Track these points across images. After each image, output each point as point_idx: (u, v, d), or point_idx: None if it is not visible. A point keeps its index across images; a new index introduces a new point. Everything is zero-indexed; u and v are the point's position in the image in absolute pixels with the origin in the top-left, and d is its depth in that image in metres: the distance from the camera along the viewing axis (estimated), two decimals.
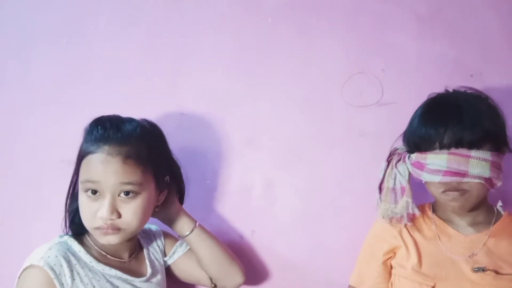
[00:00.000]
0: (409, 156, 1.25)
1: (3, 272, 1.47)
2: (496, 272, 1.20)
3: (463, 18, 1.48)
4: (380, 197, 1.30)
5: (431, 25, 1.48)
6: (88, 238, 1.21)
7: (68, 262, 1.12)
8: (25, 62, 1.53)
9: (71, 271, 1.11)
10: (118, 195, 1.13)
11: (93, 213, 1.13)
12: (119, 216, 1.14)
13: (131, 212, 1.14)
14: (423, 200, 1.33)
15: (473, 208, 1.23)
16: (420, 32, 1.48)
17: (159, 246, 1.35)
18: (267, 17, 1.51)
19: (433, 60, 1.47)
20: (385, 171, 1.29)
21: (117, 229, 1.14)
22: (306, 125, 1.49)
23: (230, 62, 1.51)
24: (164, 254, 1.36)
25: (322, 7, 1.50)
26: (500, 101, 1.26)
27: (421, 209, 1.33)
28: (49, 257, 1.10)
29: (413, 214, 1.28)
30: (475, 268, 1.21)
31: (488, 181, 1.17)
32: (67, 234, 1.21)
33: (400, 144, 1.31)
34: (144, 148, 1.16)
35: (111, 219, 1.13)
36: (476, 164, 1.15)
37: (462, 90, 1.26)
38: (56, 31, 1.53)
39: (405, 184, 1.26)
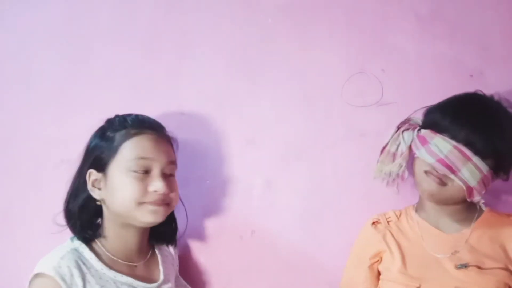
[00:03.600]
0: (419, 129, 1.27)
1: (3, 272, 1.47)
2: (479, 268, 1.21)
3: (463, 18, 1.48)
4: (379, 159, 1.34)
5: (431, 25, 1.48)
6: (99, 244, 1.20)
7: (80, 271, 1.12)
8: (25, 62, 1.53)
9: (83, 280, 1.11)
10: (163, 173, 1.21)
11: (143, 190, 1.17)
12: (171, 190, 1.20)
13: (175, 188, 1.23)
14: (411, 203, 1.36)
15: (450, 204, 1.25)
16: (420, 32, 1.48)
17: (173, 256, 1.35)
18: (267, 17, 1.51)
19: (433, 60, 1.47)
20: (392, 136, 1.32)
21: (167, 204, 1.20)
22: (306, 125, 1.49)
23: (230, 62, 1.51)
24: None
25: (322, 7, 1.50)
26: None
27: (405, 211, 1.36)
28: (60, 267, 1.10)
29: (399, 214, 1.34)
30: (458, 265, 1.22)
31: (469, 189, 1.19)
32: (77, 238, 1.19)
33: (416, 116, 1.33)
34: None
35: (165, 193, 1.18)
36: (470, 169, 1.18)
37: (505, 103, 1.27)
38: (56, 31, 1.53)
39: (404, 149, 1.28)
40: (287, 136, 1.49)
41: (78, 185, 1.21)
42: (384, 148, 1.34)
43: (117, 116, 1.25)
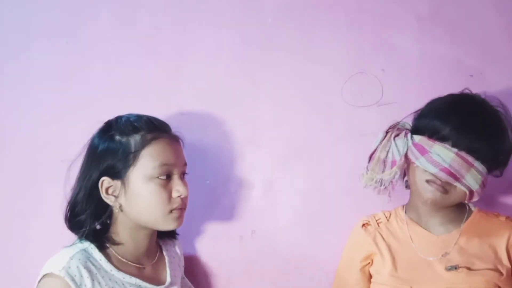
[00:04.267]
0: (411, 136, 1.25)
1: (3, 272, 1.47)
2: (469, 269, 1.21)
3: (464, 18, 1.48)
4: (367, 166, 1.32)
5: (431, 25, 1.48)
6: (109, 245, 1.19)
7: (89, 272, 1.11)
8: (25, 62, 1.53)
9: (92, 280, 1.10)
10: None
11: (169, 197, 1.17)
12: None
13: (188, 188, 1.21)
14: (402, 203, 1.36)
15: (449, 207, 1.25)
16: (421, 32, 1.48)
17: (179, 257, 1.35)
18: (267, 16, 1.51)
19: (433, 60, 1.47)
20: (381, 142, 1.30)
21: (185, 209, 1.21)
22: (306, 125, 1.49)
23: (230, 62, 1.51)
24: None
25: (322, 7, 1.50)
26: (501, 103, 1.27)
27: (394, 212, 1.35)
28: (70, 267, 1.09)
29: (389, 215, 1.34)
30: (448, 267, 1.22)
31: (471, 193, 1.20)
32: (87, 239, 1.18)
33: (404, 120, 1.32)
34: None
35: (186, 196, 1.19)
36: (473, 174, 1.18)
37: (499, 107, 1.26)
38: (56, 31, 1.53)
39: (397, 158, 1.26)
40: (287, 136, 1.49)
41: (86, 192, 1.17)
42: (372, 154, 1.32)
43: (119, 117, 1.23)
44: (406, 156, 1.26)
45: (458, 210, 1.29)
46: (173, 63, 1.51)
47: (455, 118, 1.20)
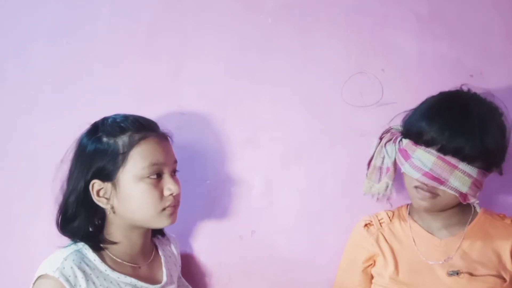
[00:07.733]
0: (400, 139, 1.24)
1: (3, 272, 1.48)
2: (471, 274, 1.19)
3: (463, 18, 1.48)
4: (366, 174, 1.31)
5: (431, 25, 1.48)
6: (103, 246, 1.19)
7: (84, 272, 1.11)
8: (25, 62, 1.53)
9: (87, 281, 1.10)
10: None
11: (160, 196, 1.17)
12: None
13: (180, 185, 1.21)
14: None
15: (447, 209, 1.23)
16: (420, 32, 1.48)
17: (175, 256, 1.35)
18: (267, 17, 1.51)
19: (433, 60, 1.47)
20: (376, 148, 1.29)
21: (177, 206, 1.21)
22: (306, 125, 1.49)
23: (230, 62, 1.51)
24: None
25: (322, 7, 1.50)
26: (500, 101, 1.26)
27: (398, 212, 1.33)
28: (64, 268, 1.09)
29: (392, 215, 1.32)
30: (450, 272, 1.20)
31: (463, 195, 1.16)
32: (81, 240, 1.17)
33: (396, 124, 1.30)
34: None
35: (178, 193, 1.19)
36: (459, 177, 1.14)
37: (483, 96, 1.22)
38: (56, 31, 1.53)
39: (390, 165, 1.25)
40: (287, 136, 1.49)
41: (76, 195, 1.17)
42: (370, 161, 1.31)
43: (105, 119, 1.22)
44: (395, 162, 1.25)
45: (462, 211, 1.26)
46: (173, 63, 1.52)
47: (436, 122, 1.16)
